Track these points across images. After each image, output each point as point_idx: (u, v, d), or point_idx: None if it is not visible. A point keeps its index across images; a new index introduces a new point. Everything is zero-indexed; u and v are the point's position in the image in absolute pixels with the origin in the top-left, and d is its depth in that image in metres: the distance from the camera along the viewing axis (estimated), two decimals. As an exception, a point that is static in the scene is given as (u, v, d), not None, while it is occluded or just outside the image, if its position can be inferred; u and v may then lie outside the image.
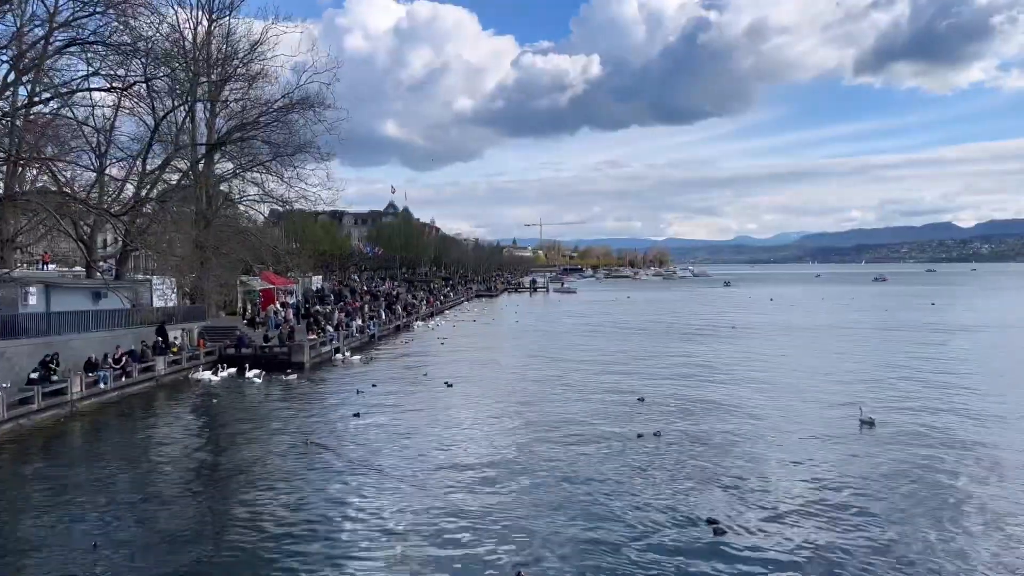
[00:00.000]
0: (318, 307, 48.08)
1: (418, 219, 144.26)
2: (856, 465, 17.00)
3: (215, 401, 26.48)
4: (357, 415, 23.14)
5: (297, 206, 44.12)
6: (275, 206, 44.82)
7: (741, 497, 14.87)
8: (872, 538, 12.66)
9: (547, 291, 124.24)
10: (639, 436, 19.62)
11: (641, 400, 24.89)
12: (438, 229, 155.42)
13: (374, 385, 28.87)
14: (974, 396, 25.43)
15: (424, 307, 66.56)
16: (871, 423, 20.74)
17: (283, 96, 39.18)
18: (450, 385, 28.59)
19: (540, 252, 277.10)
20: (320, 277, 70.50)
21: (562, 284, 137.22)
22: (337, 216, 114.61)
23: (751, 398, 25.41)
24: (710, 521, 13.33)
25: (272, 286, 49.25)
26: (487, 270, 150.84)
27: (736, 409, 23.54)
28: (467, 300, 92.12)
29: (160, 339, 30.75)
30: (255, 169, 40.92)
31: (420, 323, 58.24)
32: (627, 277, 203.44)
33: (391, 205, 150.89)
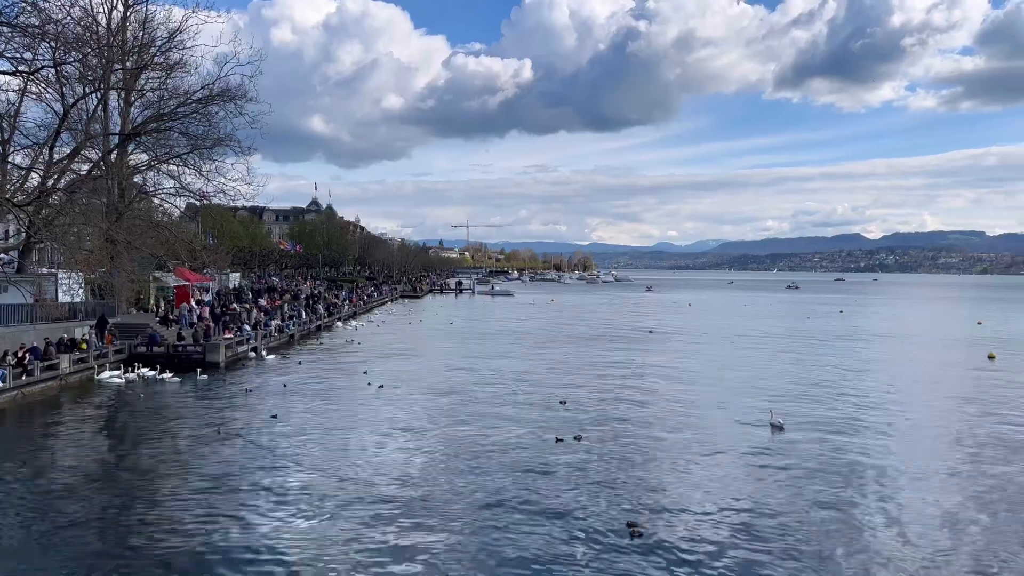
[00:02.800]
0: (235, 305, 46.75)
1: (342, 217, 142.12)
2: (767, 468, 17.61)
3: (121, 402, 25.43)
4: (275, 417, 22.63)
5: (215, 201, 42.80)
6: (192, 200, 43.36)
7: (658, 499, 15.21)
8: (782, 539, 13.13)
9: (472, 293, 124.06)
10: (558, 440, 19.81)
11: (563, 403, 25.17)
12: (363, 228, 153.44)
13: (284, 386, 28.29)
14: (878, 402, 26.68)
15: (347, 307, 65.56)
16: (781, 427, 21.52)
17: (203, 87, 37.91)
18: (376, 386, 28.24)
19: (467, 254, 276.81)
20: (238, 274, 68.60)
21: (492, 287, 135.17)
22: (258, 212, 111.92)
23: (668, 402, 26.03)
24: (629, 524, 13.58)
25: (187, 283, 47.64)
26: (413, 271, 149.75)
27: (653, 413, 24.07)
28: (391, 301, 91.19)
29: (95, 332, 29.76)
30: (171, 161, 39.46)
31: (342, 323, 57.34)
32: (552, 280, 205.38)
33: (314, 202, 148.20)
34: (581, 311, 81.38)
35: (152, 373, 30.00)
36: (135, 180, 40.54)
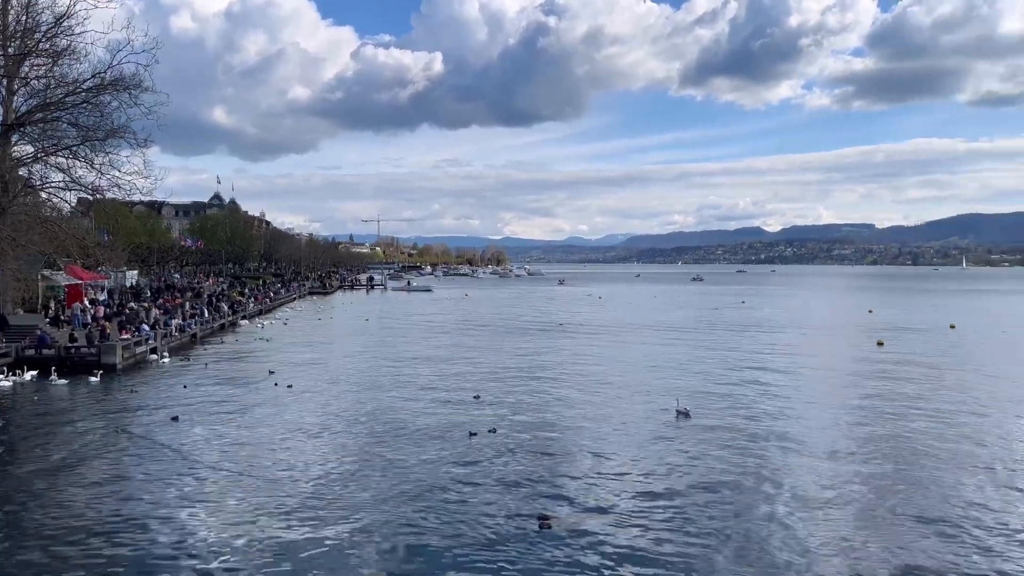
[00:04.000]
0: (132, 304, 44.65)
1: (246, 211, 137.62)
2: (673, 454, 18.14)
3: (6, 406, 23.89)
4: (175, 419, 21.76)
5: (109, 195, 40.62)
6: (84, 194, 41.05)
7: (568, 490, 15.44)
8: (690, 524, 13.55)
9: (384, 288, 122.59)
10: (472, 435, 19.84)
11: (477, 398, 25.22)
12: (268, 223, 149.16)
13: (185, 387, 27.30)
14: (778, 388, 27.89)
15: (252, 305, 63.65)
16: (687, 414, 22.22)
17: (94, 76, 35.88)
18: (285, 385, 27.54)
19: (378, 249, 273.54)
20: (136, 272, 65.60)
21: (409, 282, 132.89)
22: (156, 207, 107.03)
23: (579, 393, 26.47)
24: (540, 516, 13.73)
25: (79, 281, 45.19)
26: (322, 266, 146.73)
27: (565, 404, 24.43)
28: (300, 298, 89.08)
29: None
30: (60, 153, 37.19)
31: (247, 321, 55.64)
32: (466, 275, 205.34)
33: (216, 196, 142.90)
34: (495, 305, 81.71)
35: (40, 377, 28.26)
36: (20, 173, 38.04)
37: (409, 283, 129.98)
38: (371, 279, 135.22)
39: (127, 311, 41.09)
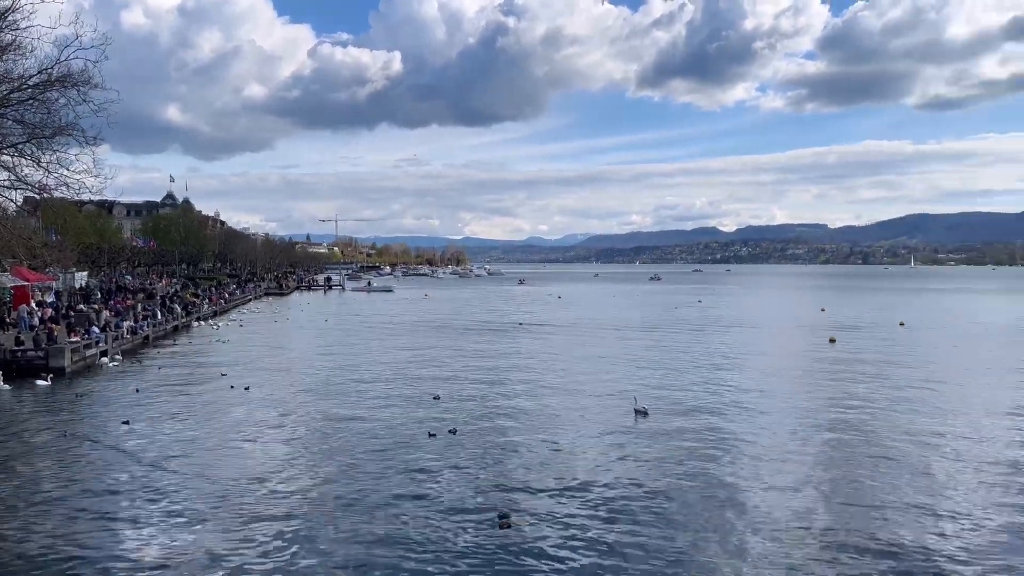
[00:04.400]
0: (82, 306, 43.51)
1: (200, 211, 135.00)
2: (631, 452, 18.32)
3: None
4: (127, 423, 21.26)
5: (57, 194, 39.49)
6: (30, 193, 39.84)
7: (527, 489, 15.48)
8: (649, 521, 13.69)
9: (342, 289, 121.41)
10: (431, 435, 19.76)
11: (437, 398, 25.14)
12: (223, 222, 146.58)
13: (137, 391, 26.71)
14: (734, 386, 28.33)
15: (206, 306, 62.53)
16: (645, 412, 22.45)
17: (40, 72, 34.85)
18: (242, 388, 27.11)
19: (336, 249, 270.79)
20: (85, 273, 63.92)
21: (369, 283, 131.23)
22: (107, 206, 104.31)
23: (538, 392, 26.55)
24: (499, 516, 13.75)
25: (26, 283, 43.84)
26: (278, 267, 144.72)
27: (524, 404, 24.49)
28: (256, 299, 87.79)
29: None
30: (5, 151, 36.03)
31: (201, 323, 54.64)
32: (425, 275, 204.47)
33: (170, 196, 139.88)
34: (455, 305, 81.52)
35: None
36: (-39, 171, 36.77)
37: (369, 283, 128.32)
38: (329, 280, 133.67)
39: (76, 313, 40.01)
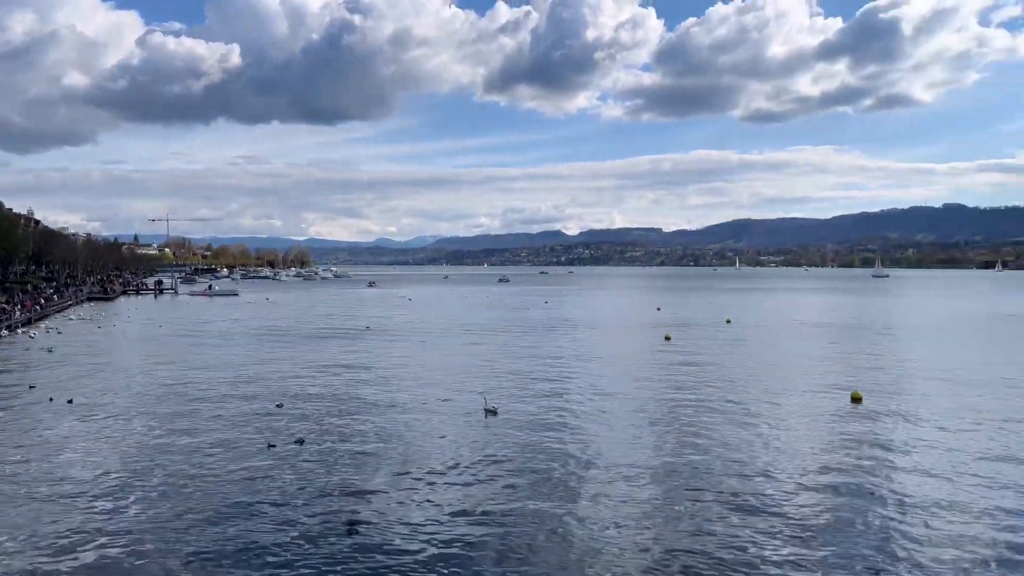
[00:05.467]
0: None
1: (11, 209, 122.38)
2: (481, 452, 18.52)
3: None
4: (-78, 447, 18.94)
5: None
6: None
7: (376, 494, 15.29)
8: (498, 521, 13.90)
9: (175, 293, 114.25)
10: (270, 447, 19.02)
11: (280, 406, 24.25)
12: (38, 221, 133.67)
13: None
14: (579, 383, 29.33)
15: (19, 313, 56.84)
16: (494, 412, 22.79)
17: None
18: (65, 401, 24.86)
19: (168, 250, 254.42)
20: None
21: (211, 286, 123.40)
22: None
23: (386, 396, 26.26)
24: (348, 523, 13.49)
25: None
26: (103, 269, 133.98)
27: (372, 409, 24.15)
28: (77, 304, 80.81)
29: None
30: None
31: (12, 332, 49.63)
32: (267, 278, 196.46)
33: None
34: (300, 309, 78.92)
35: None
36: None
37: (211, 287, 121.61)
38: (160, 283, 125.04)
39: None
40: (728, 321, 59.85)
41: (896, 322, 60.83)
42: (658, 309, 75.91)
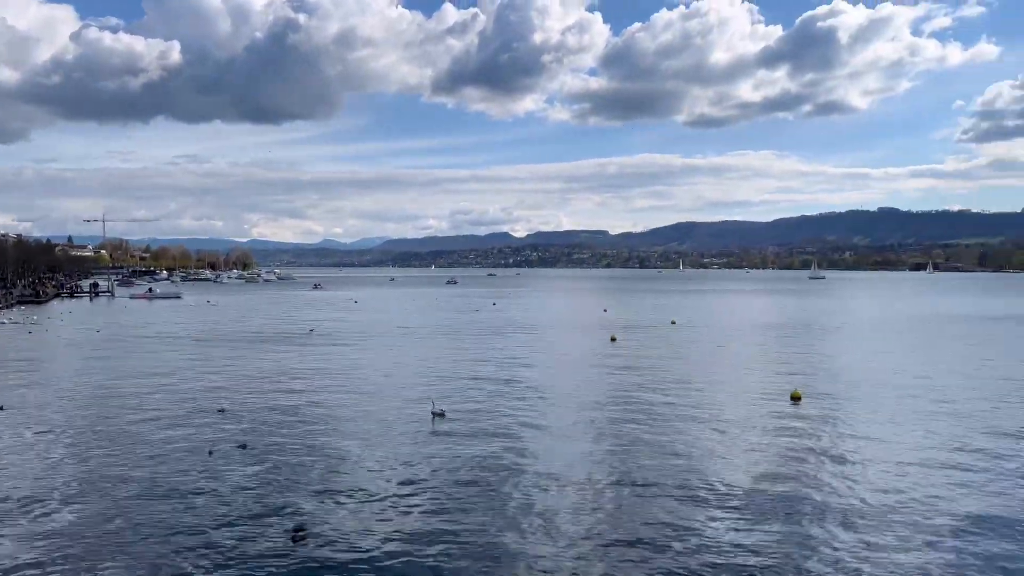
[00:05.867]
0: None
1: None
2: (429, 456, 18.46)
3: None
4: None
5: None
6: None
7: (322, 500, 15.11)
8: (445, 525, 13.88)
9: (112, 295, 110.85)
10: (210, 453, 18.61)
11: (222, 411, 23.75)
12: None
13: None
14: (527, 383, 29.43)
15: (-56, 317, 54.36)
16: (442, 414, 22.73)
17: None
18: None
19: (104, 252, 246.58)
20: None
21: (151, 288, 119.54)
22: None
23: (333, 400, 25.96)
24: (294, 530, 13.29)
25: None
26: (34, 272, 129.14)
27: (319, 413, 23.84)
28: (6, 307, 77.74)
29: None
30: None
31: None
32: (208, 280, 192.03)
33: None
34: (243, 312, 77.35)
35: None
36: None
37: (151, 289, 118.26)
38: (95, 285, 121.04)
39: None
40: (673, 322, 60.84)
41: (831, 322, 62.66)
42: (605, 311, 76.69)
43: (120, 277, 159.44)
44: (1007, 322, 63.25)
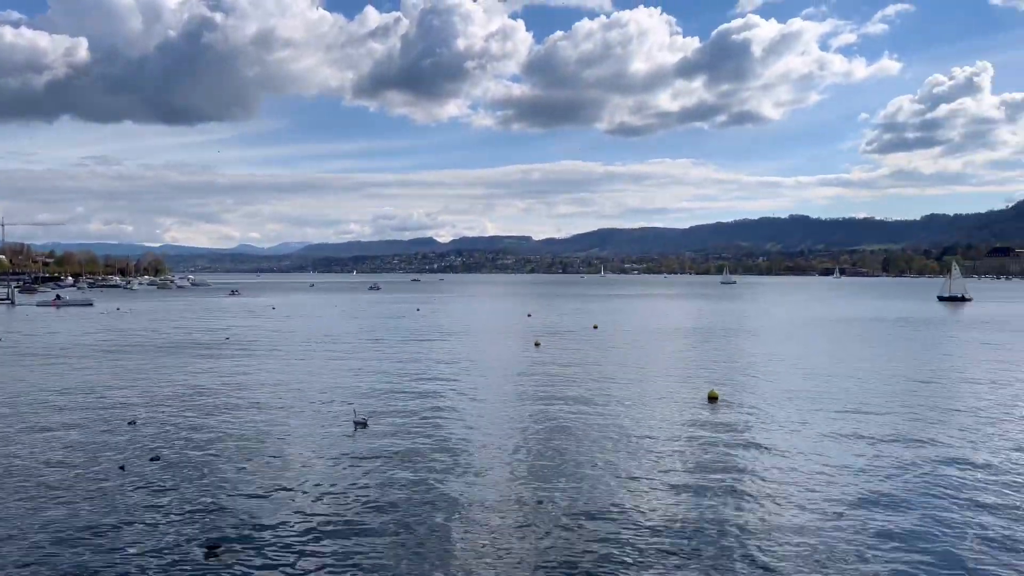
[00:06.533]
0: None
1: None
2: (350, 466, 18.23)
3: None
4: None
5: None
6: None
7: (237, 514, 14.74)
8: (364, 537, 13.75)
9: (12, 304, 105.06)
10: (122, 468, 17.93)
11: (132, 424, 22.87)
12: None
13: None
14: (451, 389, 29.40)
15: None
16: (364, 424, 22.48)
17: None
18: None
19: (2, 257, 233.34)
20: None
21: (58, 296, 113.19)
22: None
23: (250, 411, 25.32)
24: (207, 545, 12.95)
25: None
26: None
27: (236, 424, 23.23)
28: None
29: None
30: None
31: None
32: (117, 287, 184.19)
33: None
34: (155, 319, 74.48)
35: None
36: None
37: (59, 297, 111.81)
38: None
39: None
40: (595, 327, 61.82)
41: (741, 325, 64.88)
42: (528, 316, 77.25)
43: (21, 284, 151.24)
44: (902, 324, 66.87)
